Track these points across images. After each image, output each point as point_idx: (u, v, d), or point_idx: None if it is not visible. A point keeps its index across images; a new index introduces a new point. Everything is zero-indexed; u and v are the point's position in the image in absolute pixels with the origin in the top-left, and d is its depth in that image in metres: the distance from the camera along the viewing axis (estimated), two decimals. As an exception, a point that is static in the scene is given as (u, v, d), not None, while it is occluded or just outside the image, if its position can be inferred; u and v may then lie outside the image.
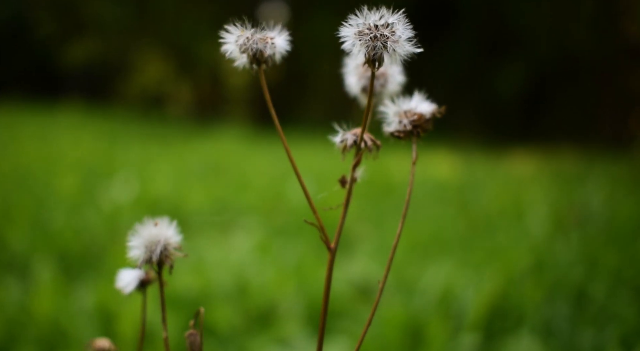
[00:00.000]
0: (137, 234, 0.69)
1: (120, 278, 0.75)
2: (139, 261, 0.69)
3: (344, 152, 0.69)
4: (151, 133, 9.88)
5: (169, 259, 0.69)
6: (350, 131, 0.70)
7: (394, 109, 0.67)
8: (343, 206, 0.69)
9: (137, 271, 0.75)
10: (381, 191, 5.35)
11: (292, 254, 3.39)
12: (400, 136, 0.67)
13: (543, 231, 3.87)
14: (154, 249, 0.68)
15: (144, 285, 0.75)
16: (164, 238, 0.69)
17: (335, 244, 0.68)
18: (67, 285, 2.52)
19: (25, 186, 4.28)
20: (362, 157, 0.67)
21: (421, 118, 0.66)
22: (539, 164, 7.88)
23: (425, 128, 0.67)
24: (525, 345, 2.20)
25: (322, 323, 0.65)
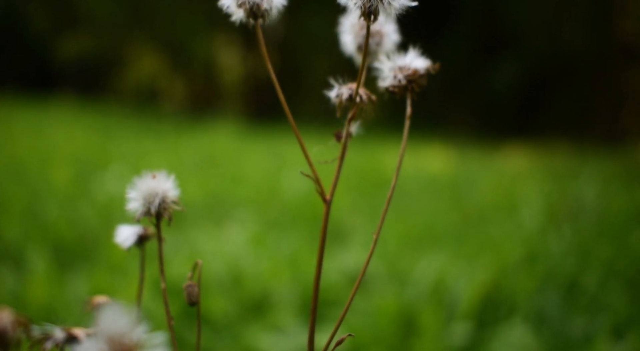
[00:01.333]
0: (135, 187, 0.69)
1: (118, 234, 0.75)
2: (137, 213, 0.69)
3: (339, 107, 0.70)
4: (145, 128, 9.87)
5: (167, 212, 0.70)
6: (345, 86, 0.71)
7: (389, 65, 0.68)
8: (338, 160, 0.70)
9: (136, 227, 0.75)
10: (375, 184, 5.37)
11: (286, 246, 3.40)
12: (395, 91, 0.68)
13: (536, 223, 3.89)
14: (152, 201, 0.68)
15: (142, 241, 0.76)
16: (162, 190, 0.69)
17: (330, 197, 0.69)
18: (62, 275, 2.52)
19: (19, 178, 4.28)
20: (357, 112, 0.68)
21: (416, 73, 0.67)
22: (533, 159, 7.92)
23: (420, 83, 0.67)
24: (517, 334, 2.22)
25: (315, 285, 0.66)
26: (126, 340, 0.39)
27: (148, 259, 3.05)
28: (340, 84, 0.71)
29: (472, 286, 2.71)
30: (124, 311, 0.39)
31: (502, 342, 2.22)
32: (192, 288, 0.73)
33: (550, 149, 9.38)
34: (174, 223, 2.80)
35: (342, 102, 0.70)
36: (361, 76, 0.68)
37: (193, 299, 0.74)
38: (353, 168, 6.22)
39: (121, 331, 0.39)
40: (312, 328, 0.69)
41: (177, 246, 3.27)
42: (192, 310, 2.32)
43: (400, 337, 2.43)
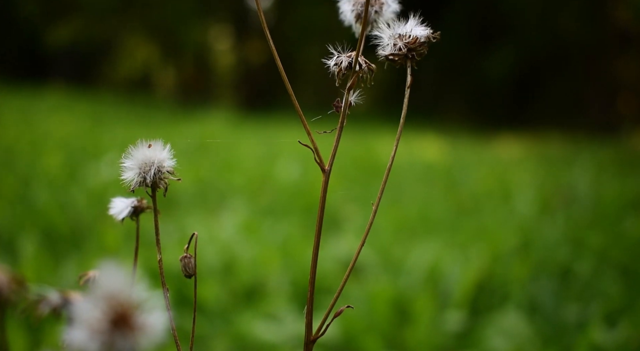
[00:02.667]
0: (131, 156, 0.67)
1: (113, 206, 0.72)
2: (132, 183, 0.67)
3: (338, 76, 0.68)
4: (137, 116, 9.80)
5: (163, 182, 0.67)
6: (344, 54, 0.69)
7: (389, 33, 0.66)
8: (337, 130, 0.68)
9: (131, 199, 0.73)
10: (368, 173, 5.35)
11: (279, 233, 3.38)
12: (394, 60, 0.66)
13: (529, 212, 3.89)
14: (148, 170, 0.66)
15: (137, 212, 0.73)
16: (158, 160, 0.67)
17: (329, 167, 0.67)
18: (53, 260, 2.50)
19: (10, 164, 4.23)
20: (357, 80, 0.66)
21: (416, 41, 0.65)
22: (526, 148, 7.92)
23: (420, 52, 0.65)
24: (510, 321, 2.22)
25: (316, 240, 0.64)
26: (125, 300, 0.38)
27: (140, 246, 3.01)
28: (340, 53, 0.68)
29: (466, 274, 2.70)
30: (123, 271, 0.38)
31: (496, 329, 2.22)
32: (188, 259, 0.71)
33: (544, 138, 9.39)
34: (165, 210, 2.78)
35: (341, 71, 0.68)
36: (360, 43, 0.66)
37: (189, 270, 0.72)
38: (347, 157, 6.21)
39: (120, 290, 0.38)
40: (310, 304, 0.67)
41: (169, 233, 3.25)
42: (186, 298, 2.30)
43: (395, 324, 2.42)
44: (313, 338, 0.68)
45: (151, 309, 0.38)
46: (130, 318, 0.38)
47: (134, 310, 0.38)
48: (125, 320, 0.37)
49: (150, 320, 0.38)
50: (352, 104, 0.67)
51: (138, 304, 0.38)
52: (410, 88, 0.64)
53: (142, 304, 0.38)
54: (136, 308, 0.38)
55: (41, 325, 1.96)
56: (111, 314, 0.37)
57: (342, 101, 0.68)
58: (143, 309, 0.38)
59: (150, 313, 0.38)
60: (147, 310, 0.38)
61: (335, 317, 0.70)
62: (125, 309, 0.38)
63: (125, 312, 0.38)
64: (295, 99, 0.67)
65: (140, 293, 0.38)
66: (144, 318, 0.38)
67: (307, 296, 2.42)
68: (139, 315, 0.38)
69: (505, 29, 14.38)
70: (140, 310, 0.38)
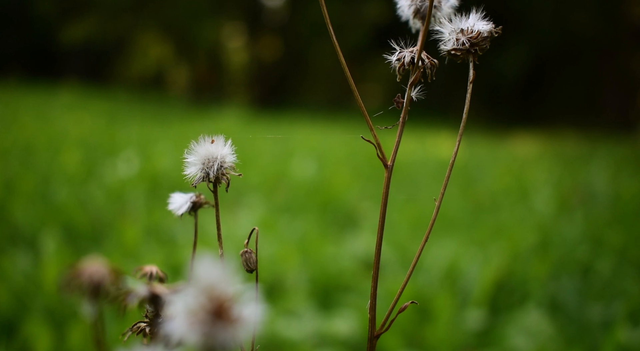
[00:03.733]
0: (194, 152, 0.67)
1: (172, 201, 0.73)
2: (195, 178, 0.67)
3: (400, 71, 0.68)
4: (151, 113, 9.85)
5: (225, 178, 0.68)
6: (407, 49, 0.68)
7: (450, 28, 0.66)
8: (399, 126, 0.67)
9: (189, 194, 0.73)
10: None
11: (296, 230, 3.39)
12: (457, 55, 0.66)
13: (548, 210, 3.87)
14: (211, 166, 0.66)
15: (196, 208, 0.73)
16: (220, 155, 0.67)
17: (391, 162, 0.67)
18: (74, 257, 2.52)
19: (29, 162, 4.27)
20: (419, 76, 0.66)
21: (479, 36, 0.64)
22: (542, 146, 7.87)
23: (482, 47, 0.65)
24: (532, 319, 2.20)
25: (377, 248, 0.64)
26: (223, 292, 0.38)
27: (159, 243, 3.03)
28: (402, 48, 0.68)
29: (485, 272, 2.69)
30: (219, 264, 0.38)
31: (517, 328, 2.21)
32: (249, 254, 0.71)
33: (559, 135, 9.33)
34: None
35: (402, 66, 0.67)
36: (423, 38, 0.65)
37: (251, 265, 0.72)
38: (361, 154, 6.20)
39: (217, 283, 0.38)
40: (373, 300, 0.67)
41: (186, 230, 3.26)
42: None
43: (415, 322, 2.42)
44: (377, 333, 0.68)
45: (246, 301, 0.38)
46: (228, 310, 0.38)
47: (232, 302, 0.38)
48: (224, 312, 0.38)
49: (247, 312, 0.38)
50: (413, 99, 0.67)
51: (235, 296, 0.38)
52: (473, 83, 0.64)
53: (238, 296, 0.38)
54: (233, 300, 0.38)
55: (66, 321, 1.98)
56: (210, 306, 0.38)
57: (403, 97, 0.68)
58: (239, 301, 0.38)
59: (246, 306, 0.38)
60: (243, 302, 0.38)
61: (400, 312, 0.70)
62: (223, 301, 0.38)
63: (223, 304, 0.38)
64: (359, 96, 0.67)
65: (236, 285, 0.38)
66: (240, 310, 0.38)
67: (326, 294, 2.42)
68: (236, 307, 0.38)
69: (518, 26, 14.29)
70: (237, 302, 0.38)
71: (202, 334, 0.37)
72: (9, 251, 2.56)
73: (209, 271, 0.38)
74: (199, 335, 0.37)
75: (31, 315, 2.01)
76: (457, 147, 0.66)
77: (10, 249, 2.61)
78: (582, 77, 14.10)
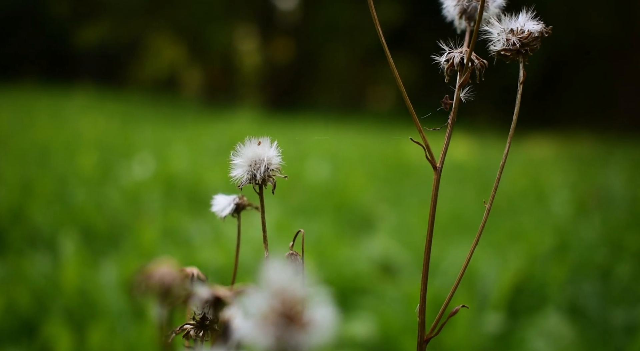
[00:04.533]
0: (240, 154, 0.67)
1: (215, 203, 0.72)
2: (242, 180, 0.67)
3: (448, 72, 0.67)
4: (165, 115, 9.89)
5: (271, 179, 0.67)
6: (456, 50, 0.68)
7: (500, 28, 0.65)
8: (449, 125, 0.67)
9: (232, 196, 0.73)
10: (399, 173, 5.33)
11: (311, 232, 3.38)
12: (507, 55, 0.65)
13: (565, 212, 3.84)
14: (258, 167, 0.66)
15: (239, 209, 0.73)
16: (267, 157, 0.67)
17: (440, 165, 0.67)
18: (93, 259, 2.53)
19: (46, 164, 4.30)
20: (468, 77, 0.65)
21: (530, 36, 0.64)
22: (557, 148, 7.82)
23: (533, 47, 0.65)
24: (552, 323, 2.18)
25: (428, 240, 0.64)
26: (294, 295, 0.37)
27: (176, 245, 3.03)
28: (451, 48, 0.68)
29: (503, 275, 2.67)
30: (290, 266, 0.37)
31: (537, 331, 2.19)
32: (294, 256, 0.71)
33: (574, 137, 9.26)
34: (198, 210, 2.79)
35: (450, 67, 0.67)
36: (474, 39, 0.65)
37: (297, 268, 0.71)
38: (376, 156, 6.19)
39: (289, 285, 0.37)
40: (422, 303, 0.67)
41: (202, 232, 3.27)
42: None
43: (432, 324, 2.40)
44: (427, 337, 0.68)
45: (318, 304, 0.38)
46: (300, 313, 0.37)
47: (303, 305, 0.38)
48: (296, 315, 0.37)
49: (319, 315, 0.38)
50: (462, 100, 0.67)
51: (306, 299, 0.38)
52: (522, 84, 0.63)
53: (309, 299, 0.38)
54: (305, 303, 0.38)
55: (86, 322, 1.99)
56: (282, 309, 0.37)
57: (451, 98, 0.67)
58: (311, 304, 0.38)
59: (317, 309, 0.38)
60: (315, 306, 0.38)
61: (451, 316, 0.69)
62: (295, 304, 0.38)
63: (295, 307, 0.37)
64: (407, 98, 0.66)
65: (307, 288, 0.38)
66: (312, 313, 0.38)
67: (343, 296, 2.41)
68: (308, 310, 0.38)
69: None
70: (308, 305, 0.38)
71: (275, 337, 0.37)
72: (28, 253, 2.58)
73: (280, 274, 0.38)
74: (271, 338, 0.37)
75: (51, 316, 2.02)
76: (508, 148, 0.66)
77: (29, 250, 2.63)
78: (597, 78, 14.00)
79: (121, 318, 2.02)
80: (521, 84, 0.64)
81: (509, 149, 0.67)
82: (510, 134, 0.66)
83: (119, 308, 2.05)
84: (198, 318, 0.59)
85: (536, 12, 0.65)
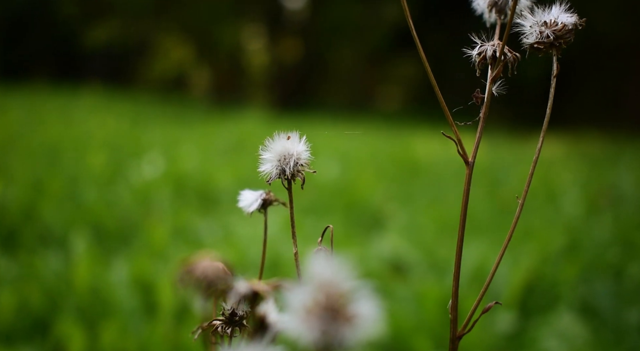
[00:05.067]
0: (269, 148, 0.66)
1: (242, 198, 0.72)
2: (271, 175, 0.66)
3: (479, 65, 0.67)
4: (173, 115, 9.92)
5: (300, 174, 0.67)
6: (489, 43, 0.67)
7: (533, 20, 0.64)
8: (481, 120, 0.67)
9: (259, 192, 0.72)
10: (407, 172, 5.32)
11: (321, 231, 3.38)
12: (540, 48, 0.64)
13: (576, 212, 3.82)
14: (287, 162, 0.65)
15: (266, 205, 0.73)
16: (296, 151, 0.66)
17: (472, 159, 0.67)
18: (105, 258, 2.54)
19: (56, 163, 4.32)
20: (501, 70, 0.65)
21: (564, 28, 0.63)
22: (566, 147, 7.78)
23: (567, 40, 0.64)
24: (565, 322, 2.17)
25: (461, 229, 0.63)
26: (339, 289, 0.37)
27: (186, 243, 3.04)
28: (483, 42, 0.67)
29: (515, 274, 2.66)
30: (334, 260, 0.37)
31: (550, 330, 2.17)
32: (323, 252, 0.71)
33: (583, 136, 9.21)
34: (208, 208, 2.79)
35: (482, 60, 0.66)
36: (507, 32, 0.64)
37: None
38: (385, 155, 6.18)
39: (334, 279, 0.37)
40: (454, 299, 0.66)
41: (213, 230, 3.27)
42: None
43: (444, 324, 2.39)
44: (459, 334, 0.67)
45: (362, 299, 0.38)
46: (345, 307, 0.37)
47: (348, 299, 0.38)
48: (340, 309, 0.37)
49: (364, 309, 0.37)
50: (494, 94, 0.66)
51: (351, 293, 0.38)
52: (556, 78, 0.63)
53: (354, 293, 0.38)
54: (350, 297, 0.38)
55: (98, 320, 1.99)
56: (327, 303, 0.37)
57: (482, 92, 0.66)
58: (355, 299, 0.38)
59: (362, 303, 0.38)
60: (359, 300, 0.38)
61: (484, 313, 0.69)
62: (340, 297, 0.37)
63: (340, 301, 0.37)
64: (440, 95, 0.66)
65: (351, 282, 0.37)
66: (357, 307, 0.37)
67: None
68: (352, 304, 0.38)
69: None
70: (353, 299, 0.38)
71: (320, 331, 0.37)
72: (40, 251, 2.59)
73: (325, 268, 0.37)
74: (317, 332, 0.37)
75: (63, 314, 2.03)
76: (541, 144, 0.65)
77: (41, 249, 2.64)
78: (607, 77, 13.92)
79: (133, 316, 2.02)
80: (554, 77, 0.63)
81: (542, 144, 0.67)
82: (544, 129, 0.66)
83: (131, 307, 2.05)
84: (227, 313, 0.59)
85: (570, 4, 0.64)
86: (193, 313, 2.07)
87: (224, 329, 0.57)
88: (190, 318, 2.06)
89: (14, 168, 3.91)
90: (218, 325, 0.57)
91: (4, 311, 1.99)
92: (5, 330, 1.96)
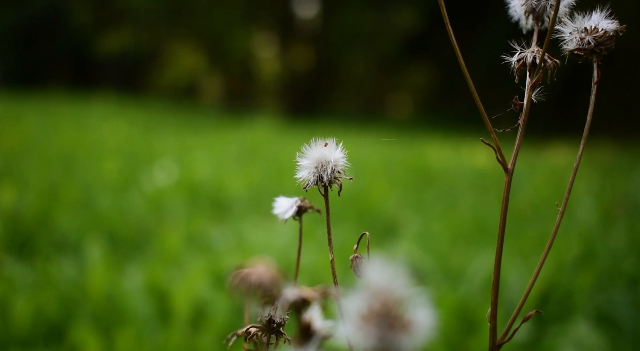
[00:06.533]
0: (306, 155, 0.66)
1: (278, 205, 0.72)
2: (308, 181, 0.66)
3: (518, 72, 0.66)
4: (185, 122, 9.96)
5: (337, 181, 0.67)
6: (528, 50, 0.67)
7: (572, 27, 0.64)
8: (521, 127, 0.67)
9: (294, 198, 0.72)
10: (421, 180, 5.30)
11: (334, 239, 3.37)
12: (580, 55, 0.64)
13: (591, 220, 3.79)
14: (325, 169, 0.65)
15: (301, 212, 0.73)
16: (334, 158, 0.66)
17: (512, 166, 0.66)
18: (119, 265, 2.54)
19: (71, 170, 4.34)
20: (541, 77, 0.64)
21: (605, 35, 0.63)
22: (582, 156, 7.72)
23: (608, 46, 0.64)
24: (582, 331, 2.15)
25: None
26: (395, 296, 0.37)
27: (200, 251, 3.03)
28: (523, 48, 0.67)
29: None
30: (390, 267, 0.37)
31: (567, 340, 2.15)
32: (359, 259, 0.70)
33: (596, 145, 9.15)
34: (221, 216, 2.80)
35: (521, 67, 0.66)
36: (547, 38, 0.64)
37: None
38: (398, 162, 6.16)
39: (389, 286, 0.37)
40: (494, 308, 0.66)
41: (226, 238, 3.27)
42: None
43: (459, 332, 2.38)
44: (499, 342, 0.67)
45: (417, 306, 0.37)
46: (401, 314, 0.37)
47: (404, 306, 0.37)
48: (396, 316, 0.37)
49: (419, 316, 0.37)
50: (533, 101, 0.66)
51: (406, 300, 0.38)
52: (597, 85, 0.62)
53: (409, 300, 0.38)
54: (405, 304, 0.37)
55: (113, 326, 2.00)
56: (383, 310, 0.37)
57: (521, 99, 0.66)
58: (410, 306, 0.38)
59: (417, 310, 0.37)
60: (414, 307, 0.38)
61: (525, 321, 0.68)
62: (396, 305, 0.37)
63: (395, 308, 0.37)
64: (478, 98, 0.66)
65: (407, 289, 0.37)
66: (412, 314, 0.37)
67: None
68: (408, 311, 0.37)
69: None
70: (408, 306, 0.37)
71: (377, 338, 0.36)
72: (55, 258, 2.60)
73: (381, 275, 0.37)
74: (374, 339, 0.36)
75: (78, 321, 2.03)
76: (581, 151, 0.65)
77: (56, 256, 2.65)
78: (618, 85, 13.84)
79: (148, 323, 2.03)
80: (595, 84, 0.63)
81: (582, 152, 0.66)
82: (585, 136, 0.65)
83: (146, 313, 2.06)
84: (265, 320, 0.59)
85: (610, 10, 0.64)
86: (208, 320, 2.07)
87: (259, 336, 0.57)
88: (206, 324, 2.05)
89: (29, 175, 3.94)
90: (254, 332, 0.57)
91: (20, 318, 2.00)
92: (22, 337, 1.96)
